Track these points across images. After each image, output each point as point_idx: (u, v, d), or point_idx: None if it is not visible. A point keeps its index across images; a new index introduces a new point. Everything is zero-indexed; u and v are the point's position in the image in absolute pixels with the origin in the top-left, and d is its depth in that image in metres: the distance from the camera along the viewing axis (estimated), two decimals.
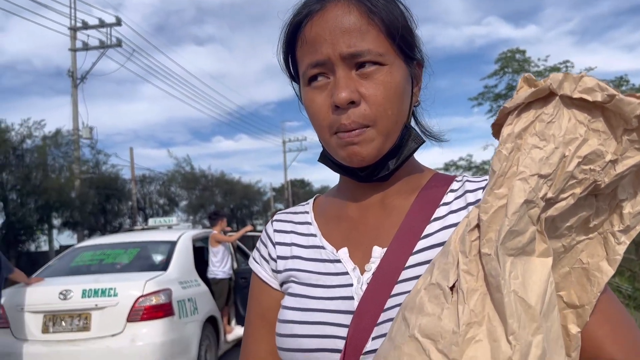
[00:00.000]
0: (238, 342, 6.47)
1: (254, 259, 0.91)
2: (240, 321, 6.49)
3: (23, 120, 20.26)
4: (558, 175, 0.56)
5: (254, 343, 0.85)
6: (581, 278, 0.63)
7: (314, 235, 0.85)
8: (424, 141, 0.83)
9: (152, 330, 4.67)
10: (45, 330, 4.71)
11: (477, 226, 0.58)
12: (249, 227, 7.28)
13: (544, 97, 0.58)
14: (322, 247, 0.83)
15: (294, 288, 0.82)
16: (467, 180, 0.81)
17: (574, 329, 0.63)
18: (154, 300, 4.73)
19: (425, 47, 0.83)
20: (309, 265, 0.82)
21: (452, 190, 0.81)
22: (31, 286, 4.98)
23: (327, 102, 0.75)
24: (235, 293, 6.61)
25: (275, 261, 0.86)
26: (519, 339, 0.52)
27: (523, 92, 0.58)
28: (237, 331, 6.28)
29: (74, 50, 22.16)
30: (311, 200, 0.93)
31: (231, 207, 31.12)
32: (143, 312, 4.67)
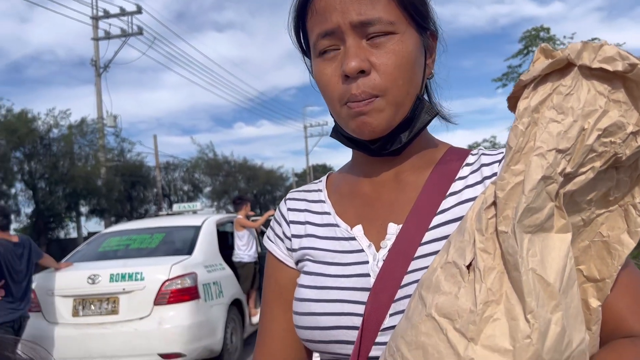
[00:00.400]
0: None
1: (268, 238, 0.90)
2: None
3: (49, 109, 20.61)
4: (577, 150, 0.55)
5: (271, 321, 0.85)
6: (601, 251, 0.61)
7: (328, 214, 0.84)
8: (437, 113, 0.80)
9: (179, 313, 4.75)
10: (75, 313, 4.83)
11: (494, 203, 0.57)
12: (271, 212, 7.33)
13: (562, 69, 0.56)
14: (337, 225, 0.82)
15: (310, 266, 0.81)
16: (483, 154, 0.79)
17: (595, 302, 0.62)
18: (179, 284, 4.81)
19: (446, 26, 0.81)
20: (324, 244, 0.81)
21: (467, 164, 0.79)
22: (61, 271, 5.10)
23: (337, 73, 0.74)
24: (261, 276, 6.67)
25: (290, 240, 0.86)
26: (538, 317, 0.51)
27: (540, 64, 0.56)
28: None
29: (96, 39, 22.39)
30: (324, 178, 0.92)
31: (254, 192, 31.35)
32: (169, 296, 4.75)
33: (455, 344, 0.54)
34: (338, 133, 0.83)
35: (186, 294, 4.82)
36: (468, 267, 0.56)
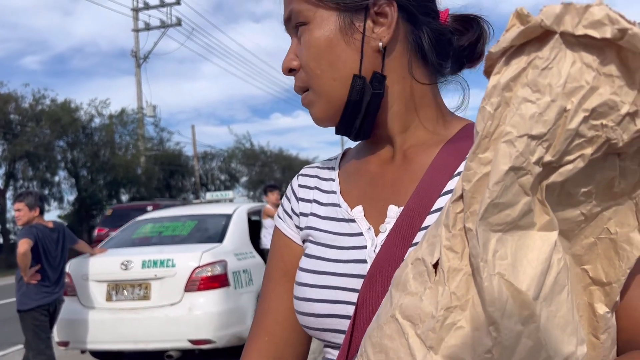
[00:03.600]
0: None
1: (278, 215, 0.87)
2: None
3: (91, 100, 21.16)
4: (558, 135, 0.45)
5: (276, 300, 0.80)
6: (609, 250, 0.52)
7: (334, 193, 0.80)
8: (379, 91, 0.71)
9: (209, 300, 4.79)
10: (108, 298, 4.93)
11: (462, 196, 0.49)
12: None
13: (541, 37, 0.45)
14: (338, 205, 0.77)
15: (311, 248, 0.77)
16: None
17: (602, 308, 0.53)
18: (210, 271, 4.84)
19: (487, 13, 0.74)
20: (325, 225, 0.77)
21: None
22: (95, 256, 5.22)
23: None
24: None
25: (299, 217, 0.82)
26: (502, 330, 0.44)
27: (512, 32, 0.46)
28: None
29: (136, 30, 22.82)
30: (339, 155, 0.87)
31: (290, 182, 31.52)
32: (200, 283, 4.79)
33: (415, 351, 0.48)
34: None
35: (216, 281, 4.86)
36: (435, 266, 0.49)
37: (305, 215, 0.81)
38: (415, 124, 0.75)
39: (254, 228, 6.38)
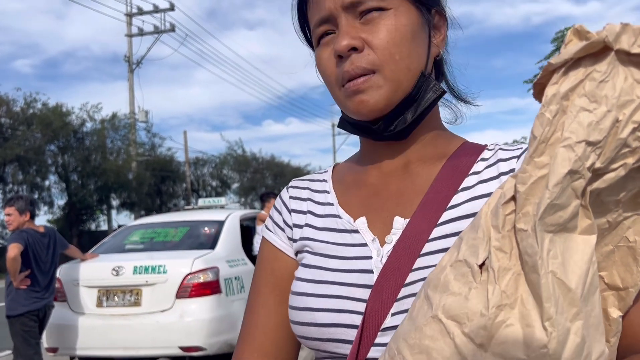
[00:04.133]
0: None
1: (266, 227, 0.86)
2: None
3: (82, 104, 21.07)
4: (609, 143, 0.49)
5: (266, 315, 0.80)
6: (626, 258, 0.56)
7: (331, 204, 0.80)
8: (444, 91, 0.76)
9: (200, 307, 4.77)
10: (99, 304, 4.90)
11: (513, 198, 0.51)
12: None
13: (597, 53, 0.49)
14: (338, 216, 0.78)
15: (308, 259, 0.77)
16: (500, 149, 0.75)
17: (615, 312, 0.56)
18: (201, 278, 4.83)
19: (479, 25, 0.81)
20: (324, 235, 0.77)
21: (482, 159, 0.74)
22: (86, 262, 5.18)
23: (333, 55, 0.72)
24: None
25: (292, 229, 0.82)
26: (556, 325, 0.46)
27: (572, 46, 0.50)
28: None
29: (129, 35, 22.79)
30: (330, 168, 0.88)
31: (281, 189, 31.47)
32: (191, 289, 4.77)
33: (463, 349, 0.49)
34: (344, 122, 0.80)
35: (208, 288, 4.84)
36: (481, 266, 0.51)
37: (300, 226, 0.81)
38: (422, 137, 0.77)
39: (246, 235, 6.37)
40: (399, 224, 0.72)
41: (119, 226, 22.37)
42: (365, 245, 0.73)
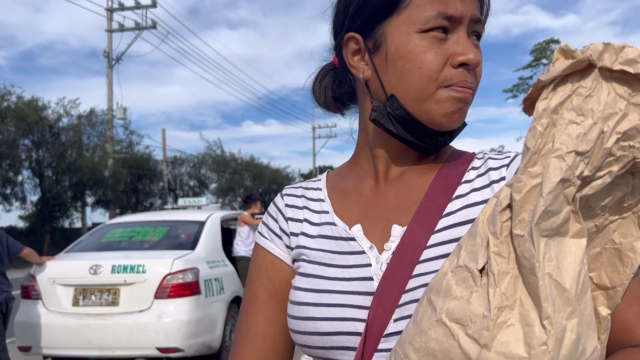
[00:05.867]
0: None
1: (261, 234, 0.86)
2: None
3: (59, 99, 20.69)
4: (595, 153, 0.53)
5: (265, 322, 0.80)
6: (613, 259, 0.60)
7: (326, 212, 0.81)
8: (466, 124, 0.80)
9: (179, 308, 4.73)
10: (75, 303, 4.82)
11: (509, 206, 0.55)
12: None
13: (582, 70, 0.54)
14: (334, 224, 0.79)
15: (305, 267, 0.77)
16: (490, 158, 0.77)
17: (604, 311, 0.60)
18: (181, 278, 4.79)
19: None
20: (320, 244, 0.78)
21: (473, 168, 0.77)
22: (63, 260, 5.08)
23: (444, 56, 0.71)
24: None
25: (289, 237, 0.82)
26: (554, 324, 0.49)
27: (560, 64, 0.54)
28: None
29: (110, 31, 22.49)
30: (322, 176, 0.88)
31: (260, 191, 31.41)
32: (170, 290, 4.73)
33: (468, 350, 0.52)
34: (389, 117, 0.75)
35: (187, 288, 4.80)
36: (481, 271, 0.55)
37: (296, 235, 0.81)
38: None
39: (227, 236, 6.34)
40: (397, 231, 0.73)
41: (94, 224, 22.04)
42: (362, 253, 0.74)
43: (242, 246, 6.44)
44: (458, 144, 0.84)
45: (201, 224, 5.76)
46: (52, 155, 19.58)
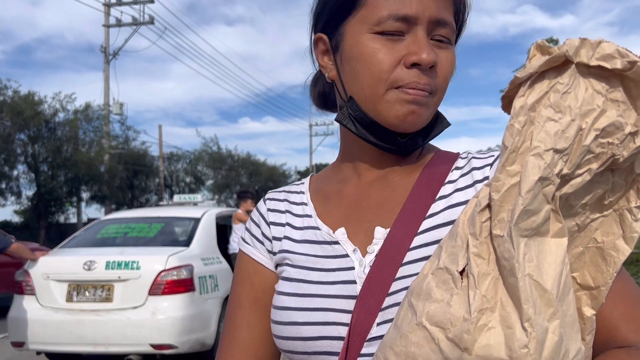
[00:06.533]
0: None
1: (244, 240, 0.86)
2: None
3: (55, 93, 20.57)
4: (574, 150, 0.52)
5: (247, 328, 0.80)
6: (596, 258, 0.59)
7: (309, 216, 0.80)
8: (449, 125, 0.80)
9: (173, 305, 4.72)
10: (69, 299, 4.81)
11: (488, 206, 0.54)
12: None
13: (559, 66, 0.53)
14: (317, 228, 0.78)
15: (289, 272, 0.77)
16: (474, 157, 0.77)
17: (589, 311, 0.59)
18: (175, 275, 4.78)
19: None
20: (303, 248, 0.78)
21: (457, 168, 0.77)
22: (57, 255, 5.06)
23: (396, 56, 0.70)
24: None
25: (271, 242, 0.82)
26: (535, 326, 0.48)
27: (536, 61, 0.53)
28: None
29: (107, 26, 22.40)
30: (306, 180, 0.88)
31: (256, 188, 31.35)
32: (164, 286, 4.72)
33: (448, 354, 0.51)
34: (351, 118, 0.76)
35: (181, 285, 4.79)
36: (461, 273, 0.54)
37: (279, 239, 0.81)
38: None
39: (222, 233, 6.33)
40: (380, 234, 0.73)
41: (89, 219, 21.97)
42: (346, 256, 0.74)
43: (237, 242, 6.44)
44: (455, 143, 0.85)
45: (196, 221, 5.75)
46: (48, 150, 19.49)
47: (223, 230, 6.64)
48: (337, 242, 0.75)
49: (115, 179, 21.63)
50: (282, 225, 0.82)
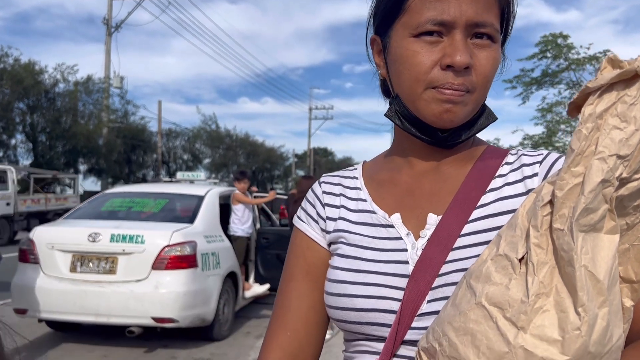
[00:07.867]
0: (255, 300, 6.59)
1: (299, 218, 0.92)
2: (260, 280, 6.61)
3: (57, 64, 20.38)
4: (635, 157, 0.58)
5: (298, 298, 0.86)
6: (639, 255, 0.65)
7: (364, 200, 0.86)
8: (496, 119, 0.84)
9: (175, 280, 4.79)
10: (73, 269, 4.86)
11: (550, 202, 0.60)
12: (272, 195, 7.30)
13: (628, 79, 0.59)
14: (373, 212, 0.84)
15: (344, 249, 0.83)
16: (523, 154, 0.82)
17: (628, 302, 0.65)
18: (179, 251, 4.84)
19: None
20: (359, 229, 0.84)
21: (507, 163, 0.82)
22: (62, 226, 5.11)
23: (434, 58, 0.75)
24: (256, 253, 6.71)
25: (325, 221, 0.88)
26: (588, 311, 0.54)
27: (608, 73, 0.59)
28: (254, 289, 6.40)
29: None
30: (359, 166, 0.94)
31: (253, 169, 31.35)
32: (168, 261, 4.79)
33: (505, 331, 0.57)
34: (397, 114, 0.83)
35: (184, 261, 4.86)
36: (520, 260, 0.60)
37: (333, 219, 0.87)
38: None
39: (224, 212, 6.38)
40: (433, 220, 0.79)
41: (85, 192, 21.93)
42: (400, 238, 0.80)
43: (238, 225, 6.47)
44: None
45: (200, 199, 5.80)
46: (47, 120, 19.40)
47: (226, 209, 6.69)
48: (392, 226, 0.81)
49: (113, 153, 21.58)
50: (337, 207, 0.88)
